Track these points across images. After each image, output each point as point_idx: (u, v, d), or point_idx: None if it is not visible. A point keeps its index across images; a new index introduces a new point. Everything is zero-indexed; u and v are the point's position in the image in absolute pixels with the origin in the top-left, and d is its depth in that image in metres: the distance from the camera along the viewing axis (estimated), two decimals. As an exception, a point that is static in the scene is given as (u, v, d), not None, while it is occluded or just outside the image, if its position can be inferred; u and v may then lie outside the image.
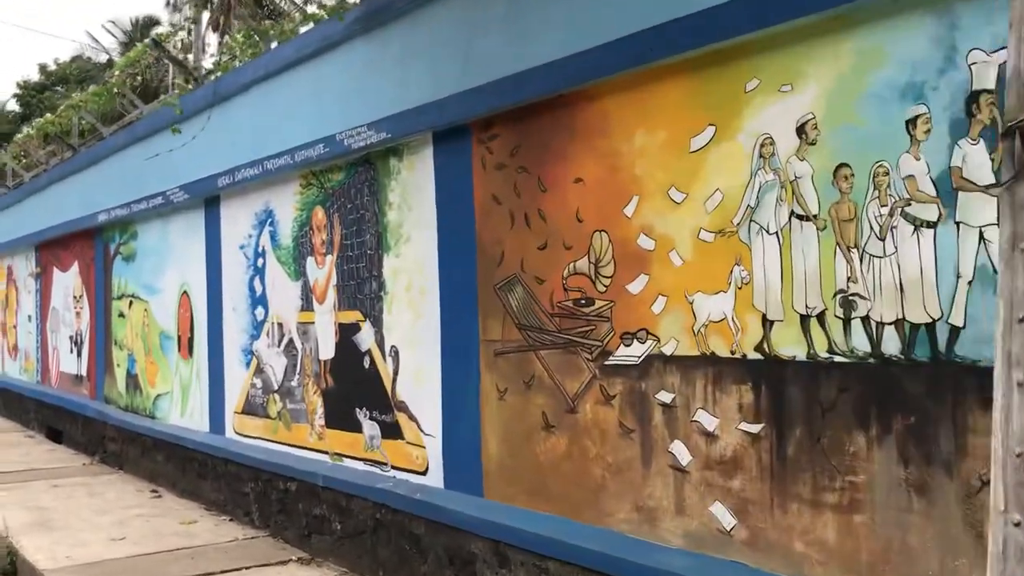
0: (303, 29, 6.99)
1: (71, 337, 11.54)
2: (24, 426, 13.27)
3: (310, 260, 6.42)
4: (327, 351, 6.22)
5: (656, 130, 3.87)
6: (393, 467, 5.56)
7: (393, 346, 5.56)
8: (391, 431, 5.57)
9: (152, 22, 38.24)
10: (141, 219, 9.23)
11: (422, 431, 5.31)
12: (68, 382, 11.64)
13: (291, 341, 6.67)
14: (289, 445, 6.65)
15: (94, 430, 10.43)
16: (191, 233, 8.19)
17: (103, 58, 39.36)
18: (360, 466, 5.85)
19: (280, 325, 6.80)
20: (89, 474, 9.36)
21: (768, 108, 3.44)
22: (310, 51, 6.31)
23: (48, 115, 11.28)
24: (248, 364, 7.25)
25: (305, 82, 6.41)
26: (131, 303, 9.54)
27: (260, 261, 7.08)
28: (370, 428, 5.76)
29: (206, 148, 7.66)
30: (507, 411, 4.68)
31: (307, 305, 6.47)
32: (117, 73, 9.47)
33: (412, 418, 5.39)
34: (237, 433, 7.39)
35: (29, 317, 13.47)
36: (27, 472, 9.41)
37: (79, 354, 11.23)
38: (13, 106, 42.06)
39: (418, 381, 5.34)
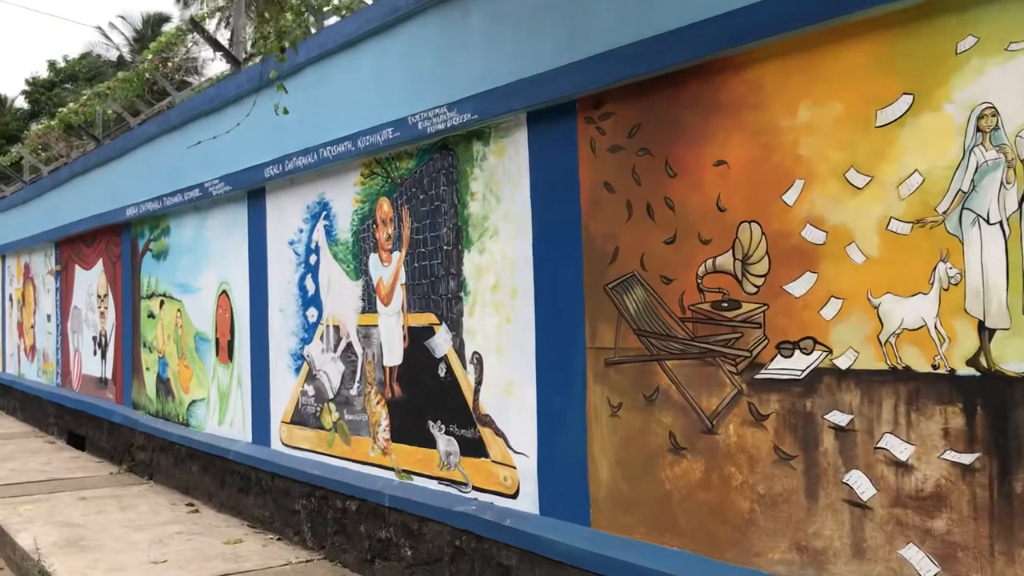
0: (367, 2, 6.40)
1: (95, 338, 10.98)
2: (43, 431, 12.71)
3: (373, 257, 5.84)
4: (394, 357, 5.63)
5: (828, 101, 3.28)
6: (475, 488, 4.97)
7: (475, 353, 4.97)
8: (472, 448, 4.98)
9: (163, 19, 37.73)
10: (175, 213, 8.66)
11: (511, 449, 4.72)
12: (91, 385, 11.08)
13: (350, 345, 6.09)
14: (347, 460, 6.06)
15: (121, 437, 9.86)
16: (232, 228, 7.61)
17: (114, 54, 38.90)
18: (433, 486, 5.26)
19: (336, 328, 6.22)
20: (118, 485, 8.78)
21: (989, 72, 2.84)
22: (374, 26, 5.72)
23: (71, 104, 10.71)
24: (298, 370, 6.66)
25: (368, 60, 5.83)
26: (162, 303, 8.97)
27: (313, 258, 6.50)
28: (446, 444, 5.18)
29: (251, 136, 7.09)
30: (622, 429, 4.09)
31: (369, 306, 5.88)
32: (150, 58, 8.89)
33: (499, 434, 4.80)
34: (285, 444, 6.81)
35: (48, 317, 12.92)
36: (52, 483, 8.84)
37: (103, 356, 10.67)
38: (22, 103, 41.69)
39: (507, 392, 4.75)
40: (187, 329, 8.42)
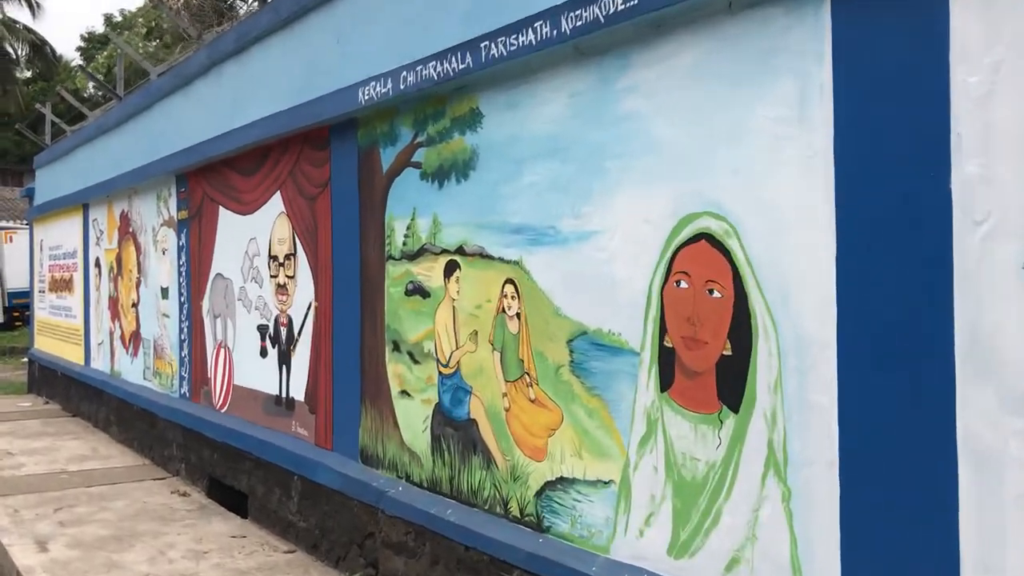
0: None
1: (262, 328, 6.56)
2: (160, 466, 8.34)
3: None
4: None
5: None
6: None
7: None
8: None
9: (227, -39, 34.19)
10: (494, 80, 4.11)
11: None
12: (255, 406, 6.68)
13: None
14: None
15: (337, 513, 5.41)
16: (744, 80, 3.05)
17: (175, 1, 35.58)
18: None
19: None
20: (374, 637, 4.35)
21: None
22: None
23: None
24: None
25: None
26: (452, 267, 4.48)
27: None
28: None
29: None
30: None
31: None
32: None
33: None
34: None
35: (164, 291, 8.55)
36: (237, 624, 4.44)
37: (284, 360, 6.24)
38: (78, 60, 39.40)
39: None
40: (542, 322, 3.91)
